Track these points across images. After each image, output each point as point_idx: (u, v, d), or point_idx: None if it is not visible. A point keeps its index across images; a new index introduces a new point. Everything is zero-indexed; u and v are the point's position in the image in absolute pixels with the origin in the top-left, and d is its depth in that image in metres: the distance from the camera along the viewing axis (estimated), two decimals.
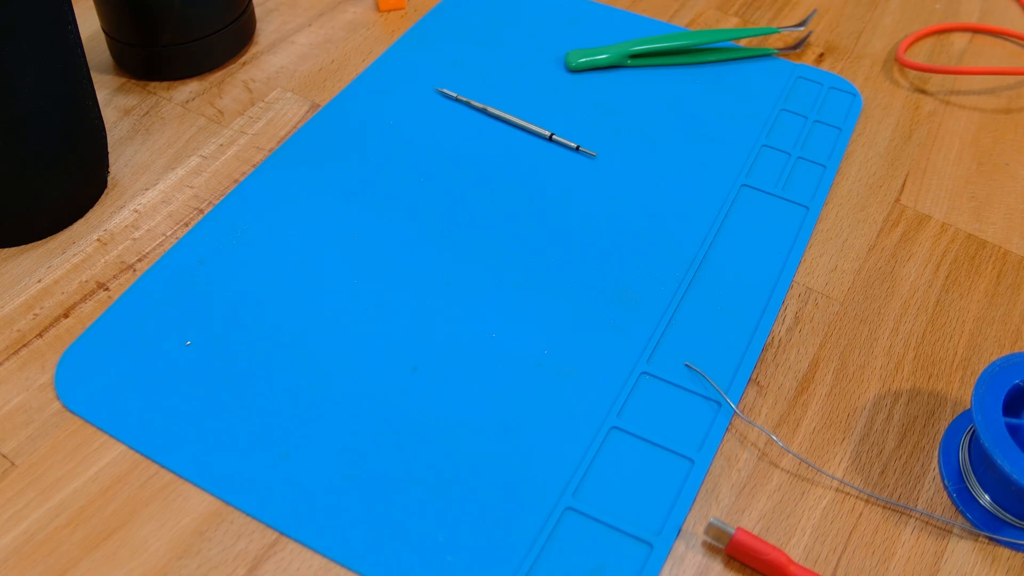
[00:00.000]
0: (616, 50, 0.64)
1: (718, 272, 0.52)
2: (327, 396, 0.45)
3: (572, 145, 0.58)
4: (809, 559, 0.41)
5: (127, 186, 0.55)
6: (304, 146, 0.58)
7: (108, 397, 0.44)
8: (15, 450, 0.43)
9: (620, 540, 0.41)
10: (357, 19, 0.68)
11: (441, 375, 0.46)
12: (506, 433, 0.44)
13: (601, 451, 0.43)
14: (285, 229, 0.53)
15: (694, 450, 0.44)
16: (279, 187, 0.55)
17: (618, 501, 0.42)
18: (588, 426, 0.44)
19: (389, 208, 0.54)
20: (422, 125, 0.59)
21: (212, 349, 0.47)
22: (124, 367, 0.46)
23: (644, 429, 0.44)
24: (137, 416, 0.44)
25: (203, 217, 0.53)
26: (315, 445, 0.43)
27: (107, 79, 0.62)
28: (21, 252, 0.51)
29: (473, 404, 0.45)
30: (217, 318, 0.48)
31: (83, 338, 0.47)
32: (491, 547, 0.40)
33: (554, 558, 0.40)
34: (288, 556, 0.40)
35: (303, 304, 0.49)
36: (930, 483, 0.43)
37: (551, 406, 0.45)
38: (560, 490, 0.42)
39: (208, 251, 0.51)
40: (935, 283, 0.52)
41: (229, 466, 0.42)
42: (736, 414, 0.45)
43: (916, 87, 0.65)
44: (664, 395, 0.46)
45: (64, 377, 0.45)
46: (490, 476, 0.42)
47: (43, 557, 0.39)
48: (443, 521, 0.41)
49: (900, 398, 0.47)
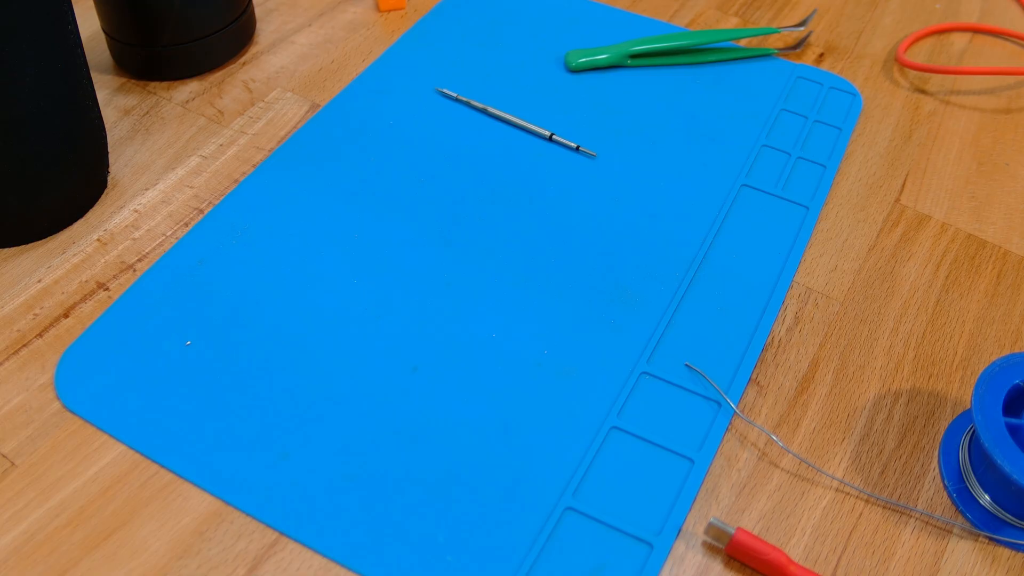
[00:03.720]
0: (616, 50, 0.64)
1: (718, 272, 0.52)
2: (327, 396, 0.45)
3: (572, 145, 0.58)
4: (809, 559, 0.41)
5: (127, 186, 0.55)
6: (304, 146, 0.58)
7: (108, 397, 0.44)
8: (15, 450, 0.43)
9: (620, 540, 0.41)
10: (357, 19, 0.68)
11: (441, 375, 0.46)
12: (506, 433, 0.44)
13: (601, 451, 0.43)
14: (285, 229, 0.53)
15: (694, 450, 0.44)
16: (279, 187, 0.55)
17: (618, 501, 0.42)
18: (588, 426, 0.44)
19: (389, 208, 0.54)
20: (422, 125, 0.59)
21: (212, 349, 0.47)
22: (124, 367, 0.46)
23: (644, 429, 0.44)
24: (137, 416, 0.44)
25: (203, 217, 0.53)
26: (315, 445, 0.43)
27: (107, 79, 0.62)
28: (21, 252, 0.51)
29: (473, 404, 0.45)
30: (217, 318, 0.48)
31: (83, 338, 0.47)
32: (491, 547, 0.40)
33: (554, 558, 0.40)
34: (288, 556, 0.40)
35: (303, 304, 0.49)
36: (930, 483, 0.43)
37: (551, 406, 0.45)
38: (560, 490, 0.42)
39: (208, 251, 0.51)
40: (935, 283, 0.52)
41: (229, 466, 0.42)
42: (736, 414, 0.45)
43: (916, 87, 0.65)
44: (664, 395, 0.46)
45: (64, 377, 0.45)
46: (490, 476, 0.42)
47: (43, 557, 0.39)
48: (443, 521, 0.41)
49: (900, 398, 0.47)
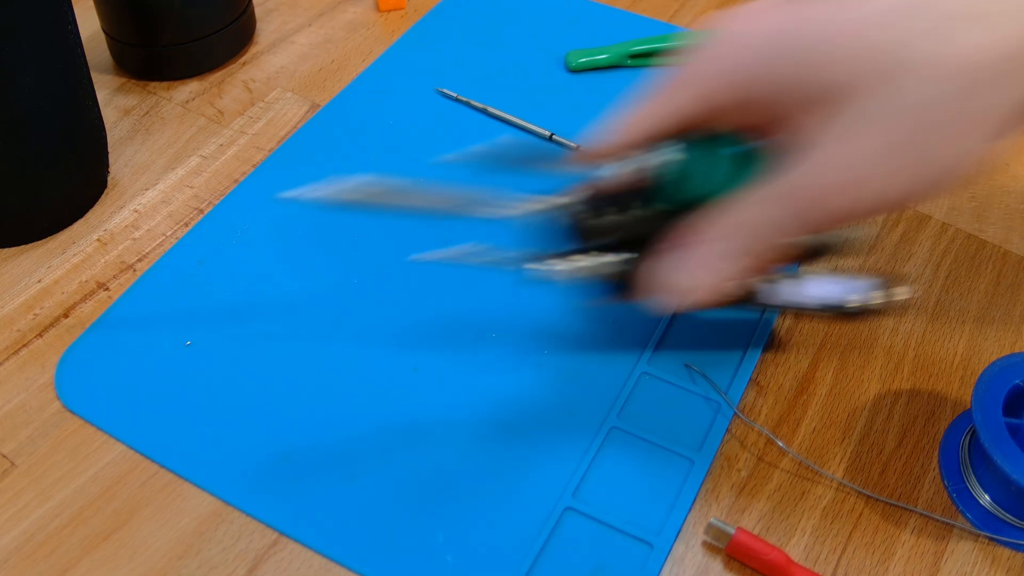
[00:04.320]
0: (617, 50, 0.64)
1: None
2: (327, 395, 0.45)
3: (572, 145, 0.58)
4: (809, 559, 0.41)
5: (127, 186, 0.55)
6: (304, 146, 0.58)
7: (108, 397, 0.44)
8: (15, 450, 0.43)
9: (620, 540, 0.41)
10: (357, 19, 0.68)
11: (441, 376, 0.46)
12: (506, 433, 0.44)
13: (601, 451, 0.43)
14: (285, 229, 0.53)
15: (694, 450, 0.44)
16: (279, 187, 0.55)
17: (618, 501, 0.42)
18: (588, 426, 0.44)
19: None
20: (422, 125, 0.59)
21: (212, 349, 0.47)
22: (124, 367, 0.46)
23: (644, 429, 0.44)
24: (137, 416, 0.44)
25: (203, 217, 0.53)
26: (315, 445, 0.43)
27: (107, 79, 0.62)
28: (21, 252, 0.51)
29: (474, 404, 0.45)
30: (217, 318, 0.48)
31: (83, 338, 0.47)
32: (491, 547, 0.40)
33: (554, 558, 0.40)
34: (288, 556, 0.40)
35: (303, 304, 0.49)
36: (930, 483, 0.43)
37: (551, 406, 0.45)
38: (560, 490, 0.42)
39: (208, 251, 0.51)
40: (935, 283, 0.52)
41: (229, 466, 0.42)
42: (736, 414, 0.45)
43: None
44: (664, 395, 0.46)
45: (64, 377, 0.45)
46: (490, 476, 0.42)
47: (43, 557, 0.39)
48: (443, 521, 0.41)
49: (900, 398, 0.47)
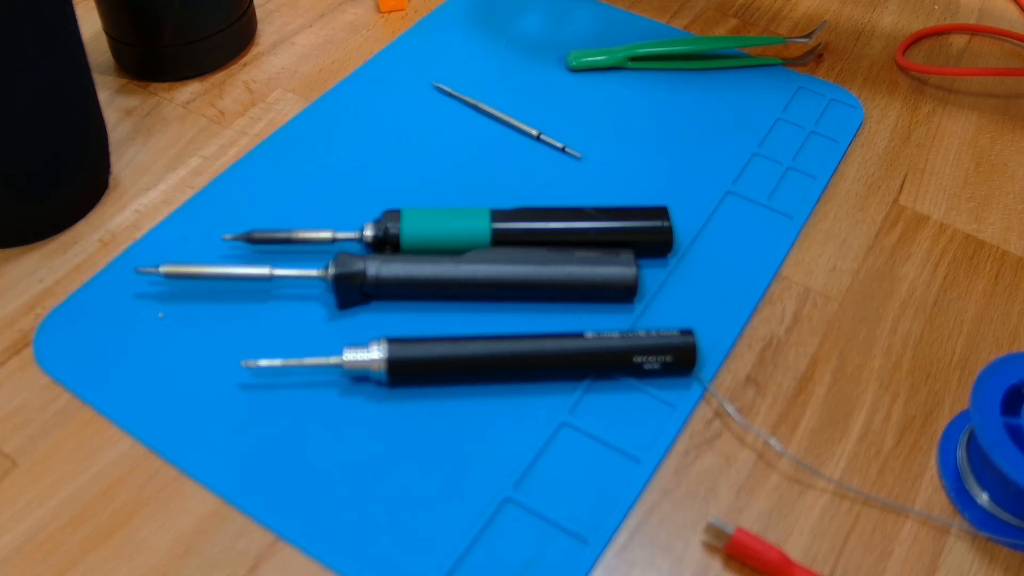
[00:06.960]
0: (617, 52, 0.64)
1: (692, 278, 0.51)
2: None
3: (558, 145, 0.58)
4: (808, 558, 0.41)
5: (128, 187, 0.55)
6: (296, 133, 0.58)
7: (84, 363, 0.46)
8: (16, 449, 0.43)
9: (556, 534, 0.41)
10: (358, 20, 0.68)
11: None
12: (454, 421, 0.44)
13: (549, 446, 0.44)
14: (272, 213, 0.53)
15: (642, 451, 0.44)
16: (268, 173, 0.56)
17: (560, 496, 0.42)
18: (538, 420, 0.44)
19: (375, 197, 0.54)
20: (415, 118, 0.60)
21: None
22: (104, 335, 0.47)
23: (595, 427, 0.44)
24: (116, 385, 0.45)
25: (188, 199, 0.54)
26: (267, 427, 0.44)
27: (108, 80, 0.62)
28: (23, 252, 0.51)
29: (429, 391, 0.45)
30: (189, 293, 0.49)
31: (63, 305, 0.48)
32: (427, 532, 0.41)
33: (489, 547, 0.40)
34: (289, 555, 0.40)
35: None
36: (928, 483, 0.44)
37: (504, 397, 0.45)
38: (502, 481, 0.42)
39: (192, 228, 0.52)
40: (933, 283, 0.52)
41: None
42: (732, 416, 0.45)
43: (914, 88, 0.65)
44: (620, 394, 0.46)
45: (43, 345, 0.47)
46: (433, 464, 0.43)
47: (44, 556, 0.39)
48: (383, 503, 0.41)
49: (898, 398, 0.47)
